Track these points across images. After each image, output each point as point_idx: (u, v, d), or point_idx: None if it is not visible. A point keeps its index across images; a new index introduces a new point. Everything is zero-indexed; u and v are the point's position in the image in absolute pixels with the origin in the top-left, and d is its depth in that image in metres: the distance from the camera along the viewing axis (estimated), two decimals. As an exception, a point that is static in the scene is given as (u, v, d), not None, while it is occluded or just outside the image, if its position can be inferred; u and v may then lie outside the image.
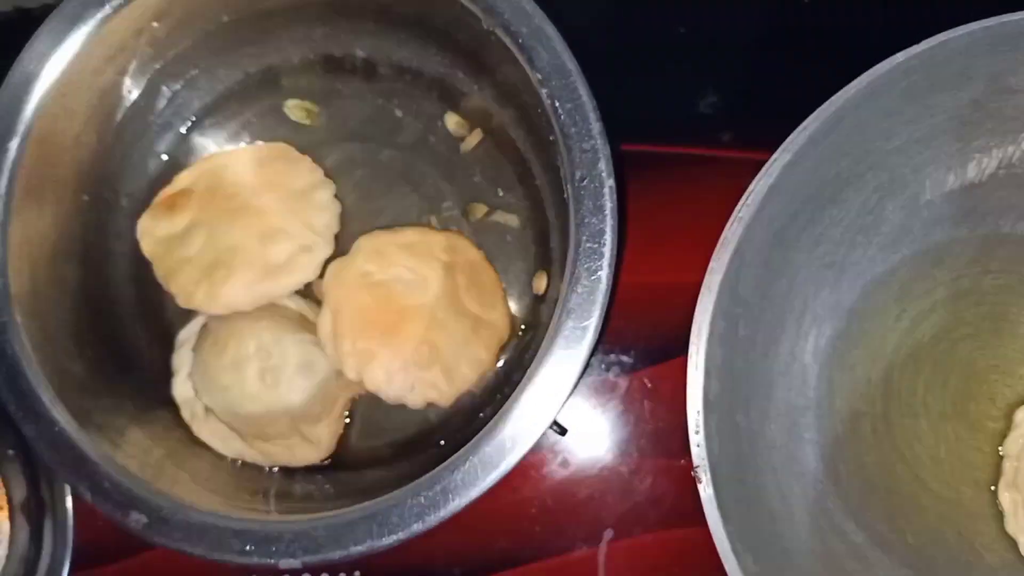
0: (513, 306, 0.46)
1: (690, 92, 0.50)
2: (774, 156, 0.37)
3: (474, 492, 0.35)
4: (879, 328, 0.44)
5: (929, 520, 0.42)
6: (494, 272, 0.45)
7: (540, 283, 0.45)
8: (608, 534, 0.49)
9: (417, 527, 0.35)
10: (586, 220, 0.36)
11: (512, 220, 0.46)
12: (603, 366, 0.49)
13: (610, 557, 0.48)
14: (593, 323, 0.35)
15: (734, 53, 0.51)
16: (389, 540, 0.35)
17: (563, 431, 0.45)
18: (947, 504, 0.42)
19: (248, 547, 0.36)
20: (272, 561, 0.36)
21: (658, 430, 0.48)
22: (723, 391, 0.38)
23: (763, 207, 0.37)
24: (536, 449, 0.49)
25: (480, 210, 0.46)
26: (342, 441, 0.46)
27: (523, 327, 0.45)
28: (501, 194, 0.46)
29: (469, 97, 0.46)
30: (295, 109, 0.47)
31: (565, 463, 0.49)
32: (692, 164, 0.49)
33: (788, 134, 0.37)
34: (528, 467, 0.49)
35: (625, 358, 0.49)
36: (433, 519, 0.35)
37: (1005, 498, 0.41)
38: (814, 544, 0.40)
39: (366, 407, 0.46)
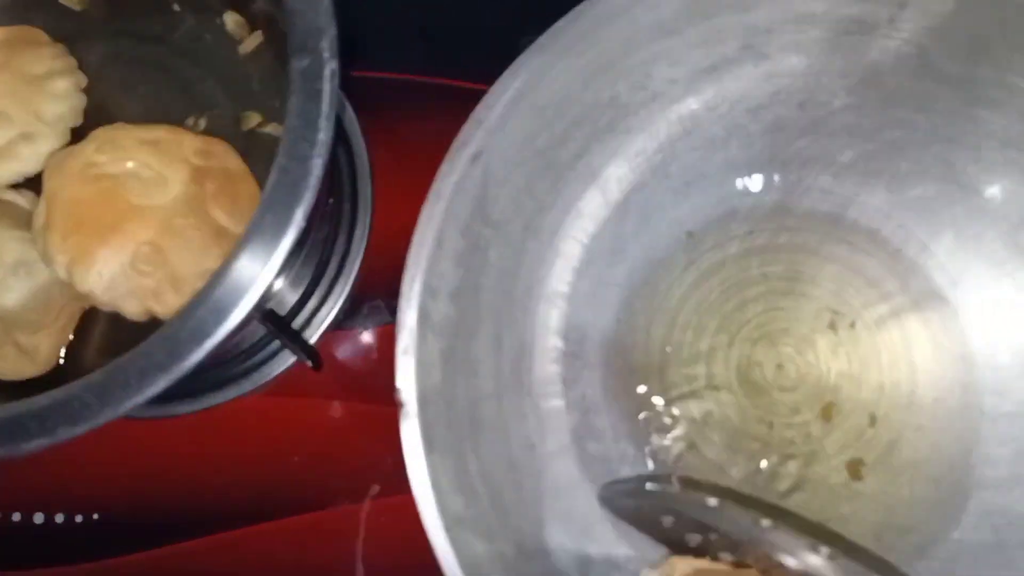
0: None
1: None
2: (521, 57, 0.33)
3: (148, 391, 0.31)
4: (664, 279, 0.40)
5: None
6: (255, 185, 0.41)
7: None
8: (374, 490, 0.45)
9: (63, 432, 0.30)
10: (302, 106, 0.32)
11: (287, 134, 0.42)
12: (376, 311, 0.45)
13: (372, 515, 0.44)
14: (299, 214, 0.31)
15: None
16: (30, 445, 0.31)
17: (316, 363, 0.41)
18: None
19: None
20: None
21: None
22: (463, 317, 0.35)
23: (511, 113, 0.33)
24: (301, 394, 0.45)
25: (254, 119, 0.42)
26: (74, 359, 0.41)
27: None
28: (278, 105, 0.42)
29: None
30: None
31: (335, 410, 0.45)
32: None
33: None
34: (294, 411, 0.45)
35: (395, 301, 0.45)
36: (85, 425, 0.31)
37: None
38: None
39: (106, 324, 0.42)
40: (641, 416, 0.39)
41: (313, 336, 0.45)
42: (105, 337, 0.42)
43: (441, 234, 0.33)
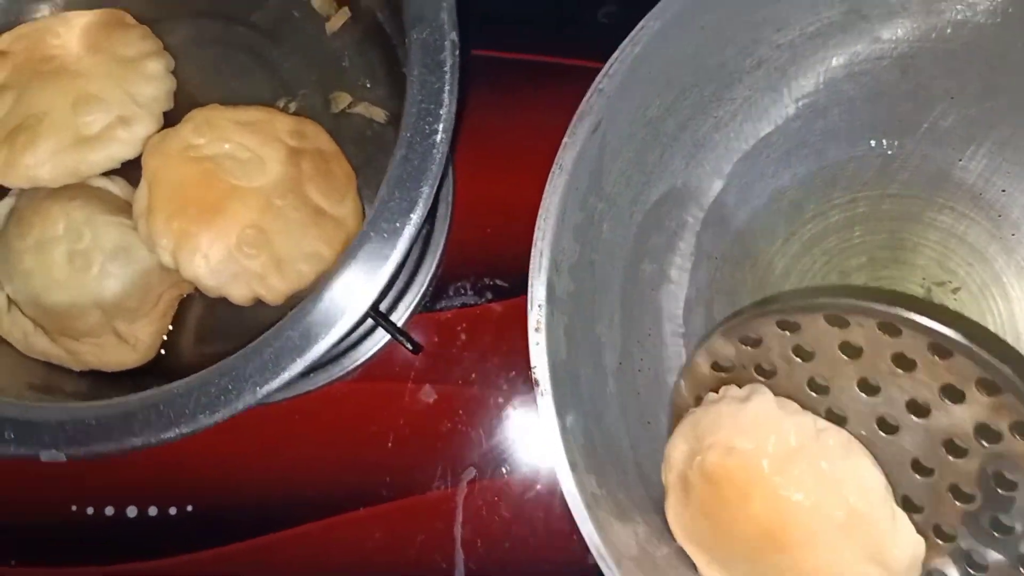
0: (369, 205, 0.41)
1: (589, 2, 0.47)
2: (641, 23, 0.32)
3: (274, 383, 0.30)
4: (765, 252, 0.40)
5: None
6: (348, 164, 0.40)
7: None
8: (470, 473, 0.44)
9: (204, 419, 0.30)
10: (423, 78, 0.31)
11: (377, 114, 0.41)
12: (469, 292, 0.45)
13: (470, 498, 0.44)
14: (425, 191, 0.31)
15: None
16: (170, 434, 0.30)
17: (416, 348, 0.40)
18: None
19: (6, 434, 0.31)
20: (32, 452, 0.30)
21: (528, 362, 0.44)
22: (580, 293, 0.34)
23: (629, 82, 0.33)
24: (390, 378, 0.45)
25: (344, 100, 0.42)
26: (172, 348, 0.41)
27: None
28: (369, 85, 0.42)
29: (332, -27, 0.42)
30: None
31: (427, 394, 0.45)
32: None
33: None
34: (384, 395, 0.45)
35: (502, 282, 0.45)
36: (225, 412, 0.30)
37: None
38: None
39: (202, 309, 0.41)
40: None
41: (400, 319, 0.45)
42: (201, 323, 0.41)
43: (564, 207, 0.32)
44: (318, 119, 0.41)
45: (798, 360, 0.31)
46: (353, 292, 0.30)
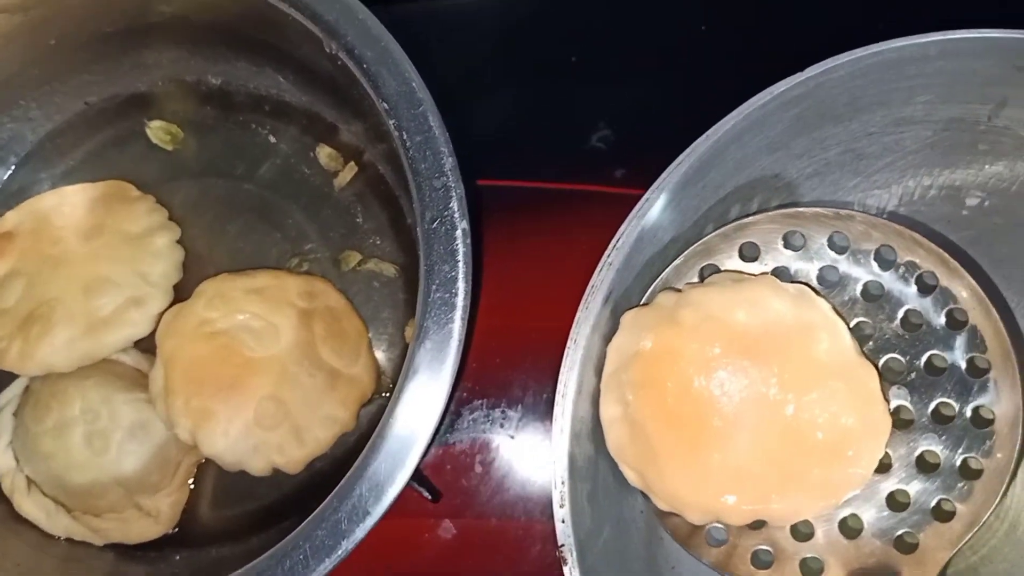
0: (382, 357, 0.41)
1: (582, 126, 0.47)
2: (646, 195, 0.33)
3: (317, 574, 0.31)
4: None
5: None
6: (360, 320, 0.41)
7: (413, 332, 0.41)
8: (494, 611, 0.44)
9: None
10: (436, 267, 0.32)
11: (388, 269, 0.42)
12: (484, 422, 0.45)
13: (499, 634, 0.44)
14: (444, 382, 0.31)
15: (629, 84, 0.48)
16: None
17: (436, 497, 0.41)
18: None
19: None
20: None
21: (546, 491, 0.44)
22: (598, 454, 0.34)
23: (636, 251, 0.33)
24: (411, 516, 0.45)
25: (353, 258, 0.42)
26: (189, 512, 0.41)
27: (393, 381, 0.41)
28: (379, 242, 0.42)
29: (339, 130, 0.43)
30: (158, 131, 0.43)
31: (447, 530, 0.45)
32: (582, 200, 0.46)
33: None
34: (405, 535, 0.45)
35: (512, 412, 0.45)
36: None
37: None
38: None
39: (217, 473, 0.41)
40: None
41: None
42: (218, 487, 0.41)
43: (581, 379, 0.33)
44: (326, 274, 0.41)
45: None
46: (382, 481, 0.31)
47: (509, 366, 0.45)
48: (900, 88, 0.35)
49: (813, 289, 0.34)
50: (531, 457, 0.45)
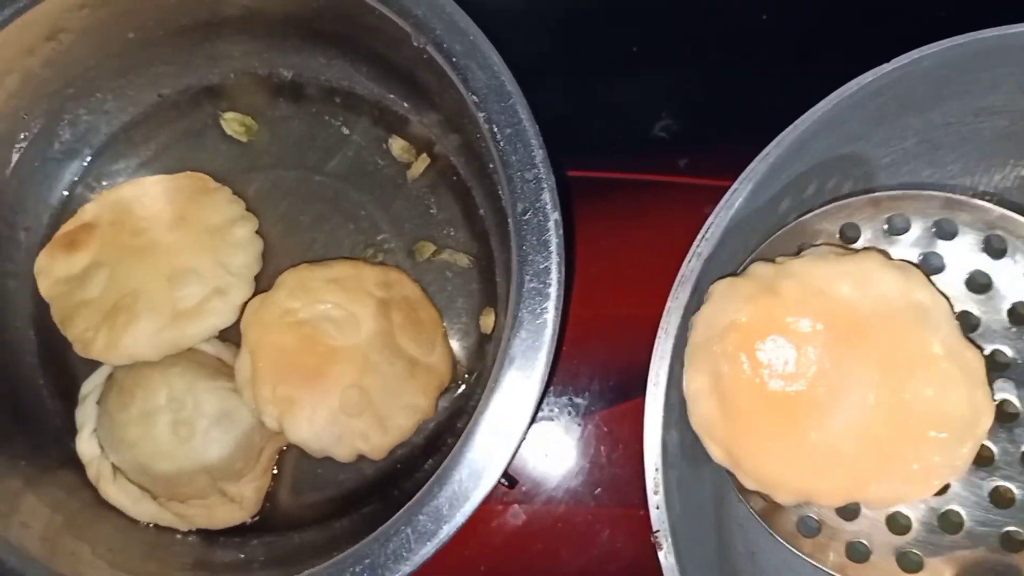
0: (456, 347, 0.42)
1: (644, 115, 0.48)
2: (734, 186, 0.33)
3: (407, 568, 0.31)
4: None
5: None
6: (435, 309, 0.41)
7: (487, 321, 0.41)
8: (565, 595, 0.45)
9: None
10: (529, 257, 0.32)
11: (461, 259, 0.42)
12: (554, 408, 0.45)
13: (566, 622, 0.45)
14: (539, 372, 0.32)
15: (691, 74, 0.48)
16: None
17: (512, 484, 0.41)
18: None
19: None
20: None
21: (615, 477, 0.45)
22: (685, 442, 0.35)
23: (723, 242, 0.34)
24: (483, 501, 0.45)
25: (428, 249, 0.42)
26: (270, 499, 0.41)
27: (468, 370, 0.42)
28: (452, 232, 0.42)
29: (410, 122, 0.43)
30: (232, 122, 0.43)
31: (516, 515, 0.45)
32: (646, 190, 0.46)
33: (747, 159, 0.34)
34: (475, 521, 0.45)
35: (579, 399, 0.45)
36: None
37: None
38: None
39: (297, 459, 0.42)
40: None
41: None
42: (297, 473, 0.42)
43: (671, 368, 0.33)
44: (400, 264, 0.42)
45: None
46: (476, 473, 0.31)
47: (575, 355, 0.46)
48: (982, 79, 0.35)
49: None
50: (599, 444, 0.46)
